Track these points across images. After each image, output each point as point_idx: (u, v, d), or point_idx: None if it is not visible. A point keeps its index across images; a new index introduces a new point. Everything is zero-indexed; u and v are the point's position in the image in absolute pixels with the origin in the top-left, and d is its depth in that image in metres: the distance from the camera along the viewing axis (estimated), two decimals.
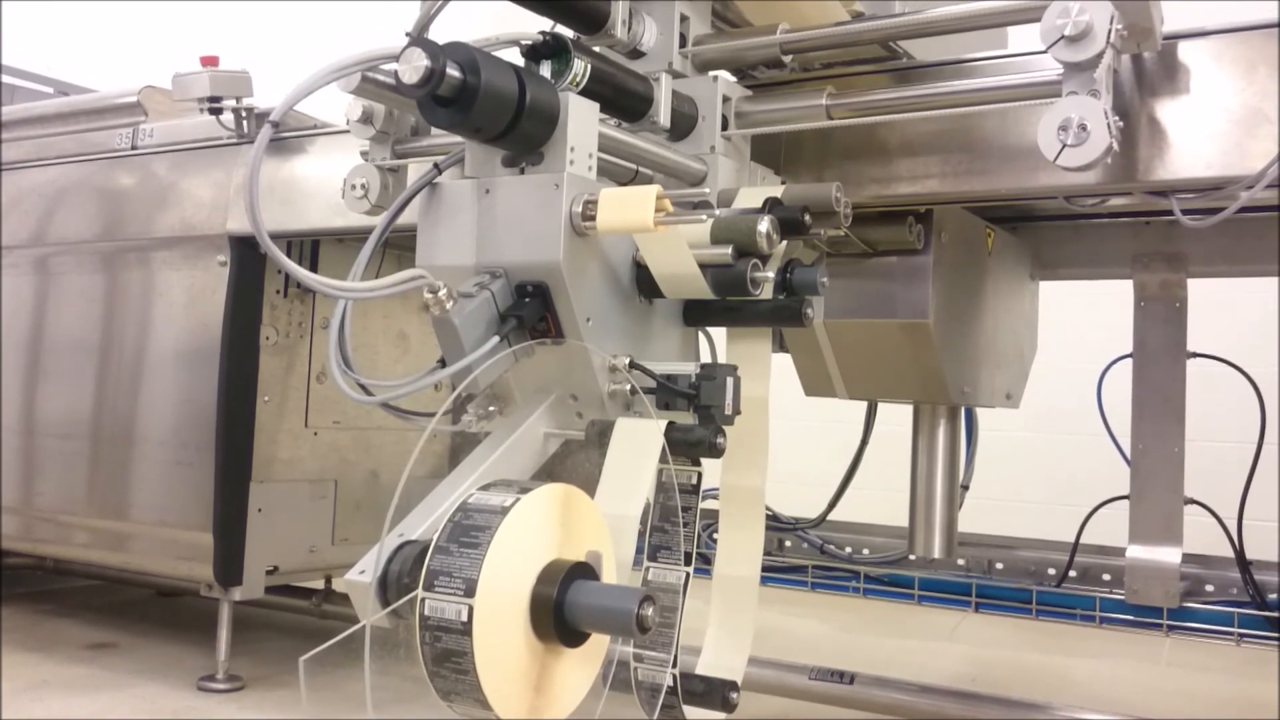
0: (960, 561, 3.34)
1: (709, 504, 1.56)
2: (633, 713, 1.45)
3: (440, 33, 1.31)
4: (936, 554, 2.40)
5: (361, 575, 1.19)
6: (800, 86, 1.79)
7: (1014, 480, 4.72)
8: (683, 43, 1.66)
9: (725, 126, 1.70)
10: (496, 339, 1.32)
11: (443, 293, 1.31)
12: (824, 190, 1.58)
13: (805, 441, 3.71)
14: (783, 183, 1.82)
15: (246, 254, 2.42)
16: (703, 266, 1.42)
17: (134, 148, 2.68)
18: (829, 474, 3.02)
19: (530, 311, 1.35)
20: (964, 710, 2.15)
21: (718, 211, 1.51)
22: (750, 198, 1.60)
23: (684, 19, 1.65)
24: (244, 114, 2.45)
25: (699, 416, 1.41)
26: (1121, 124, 1.45)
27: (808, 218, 1.51)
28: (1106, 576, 2.99)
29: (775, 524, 3.75)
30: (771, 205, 1.52)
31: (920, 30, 1.67)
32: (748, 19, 1.77)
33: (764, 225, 1.42)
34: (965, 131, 1.73)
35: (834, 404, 2.70)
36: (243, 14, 5.58)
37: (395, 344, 2.70)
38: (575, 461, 1.45)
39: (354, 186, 1.77)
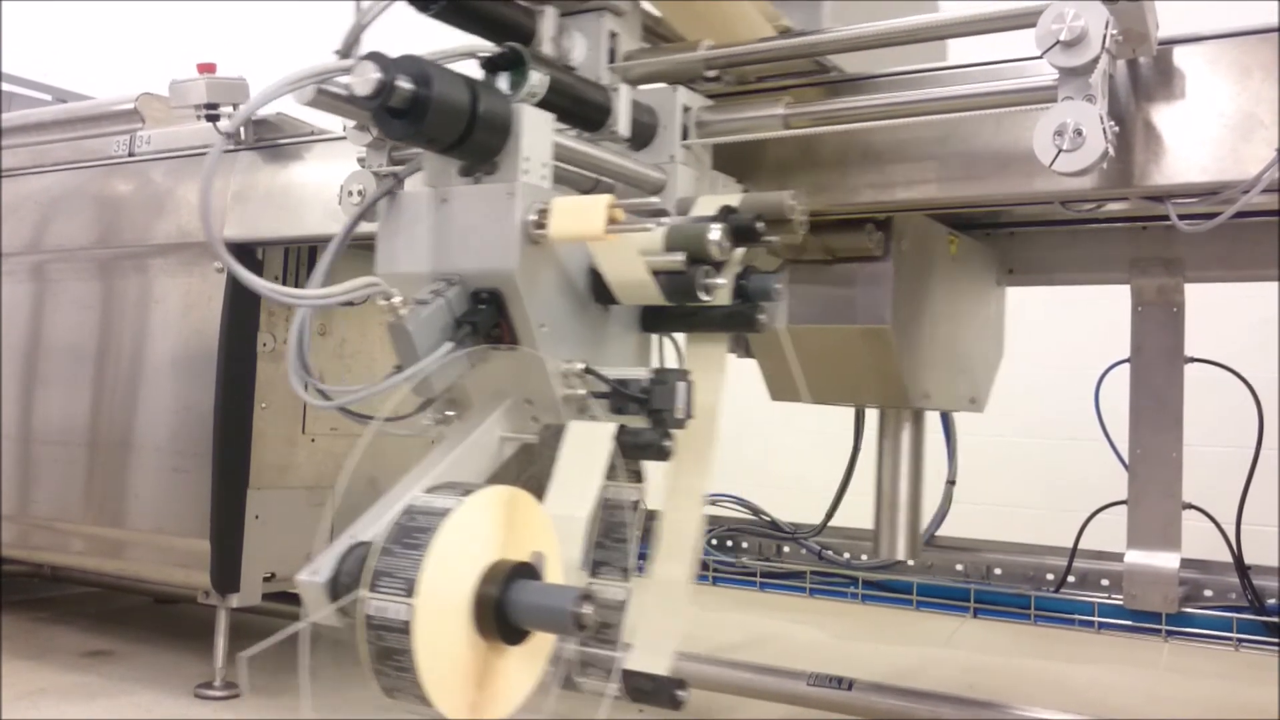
0: (958, 567, 3.34)
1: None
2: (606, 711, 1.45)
3: (402, 45, 1.34)
4: (900, 556, 2.44)
5: (314, 576, 1.23)
6: (756, 97, 1.82)
7: (1012, 485, 4.72)
8: (612, 58, 1.68)
9: (685, 136, 1.73)
10: (450, 345, 1.35)
11: (397, 299, 1.34)
12: (778, 198, 1.62)
13: (804, 447, 3.71)
14: (745, 190, 1.84)
15: (243, 260, 2.39)
16: (656, 273, 1.45)
17: (131, 154, 2.68)
18: (829, 480, 3.02)
19: (484, 318, 1.38)
20: (962, 716, 2.14)
21: (672, 219, 1.53)
22: (708, 205, 1.62)
23: (613, 35, 1.68)
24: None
25: (651, 420, 1.44)
26: (1117, 129, 1.45)
27: (760, 225, 1.53)
28: (1105, 582, 2.99)
29: (774, 531, 3.75)
30: (725, 213, 1.55)
31: (847, 45, 1.71)
32: (681, 34, 1.79)
33: (715, 233, 1.44)
34: (941, 140, 1.74)
35: (834, 410, 2.70)
36: (239, 21, 5.59)
37: (394, 350, 2.69)
38: (545, 465, 1.46)
39: (351, 193, 1.78)
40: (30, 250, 2.79)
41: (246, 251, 2.41)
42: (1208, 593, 2.88)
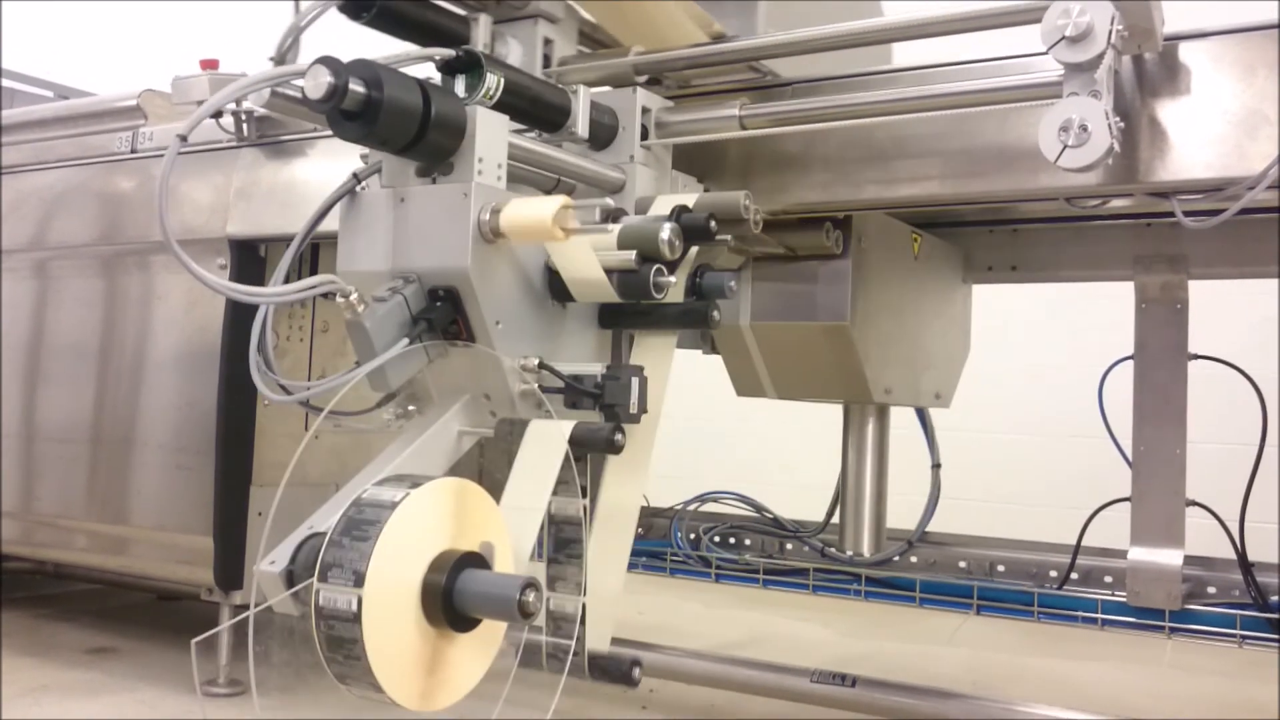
0: (961, 564, 3.34)
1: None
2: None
3: (367, 49, 1.40)
4: (865, 550, 2.49)
5: (271, 566, 1.30)
6: (714, 98, 1.86)
7: (1016, 482, 4.72)
8: (547, 63, 1.72)
9: (645, 136, 1.77)
10: (406, 341, 1.39)
11: (354, 296, 1.40)
12: (733, 198, 1.66)
13: (806, 445, 3.71)
14: (706, 189, 1.89)
15: (246, 257, 2.42)
16: (610, 271, 1.49)
17: (133, 151, 2.67)
18: (829, 477, 3.02)
19: (440, 315, 1.43)
20: (965, 713, 2.14)
21: (628, 219, 1.58)
22: (665, 205, 1.66)
23: (548, 41, 1.72)
24: (243, 117, 2.45)
25: (604, 415, 1.48)
26: (1122, 125, 1.44)
27: (713, 225, 1.57)
28: (1108, 579, 2.99)
29: (777, 529, 3.75)
30: (679, 213, 1.58)
31: (775, 51, 1.77)
32: (616, 40, 1.84)
33: (666, 232, 1.49)
34: (941, 136, 1.75)
35: (834, 408, 2.70)
36: (241, 17, 5.58)
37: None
38: (494, 457, 1.51)
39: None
40: (33, 247, 2.79)
41: (250, 248, 2.41)
42: (1211, 589, 2.87)
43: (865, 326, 2.17)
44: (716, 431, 4.83)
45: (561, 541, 1.50)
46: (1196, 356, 2.58)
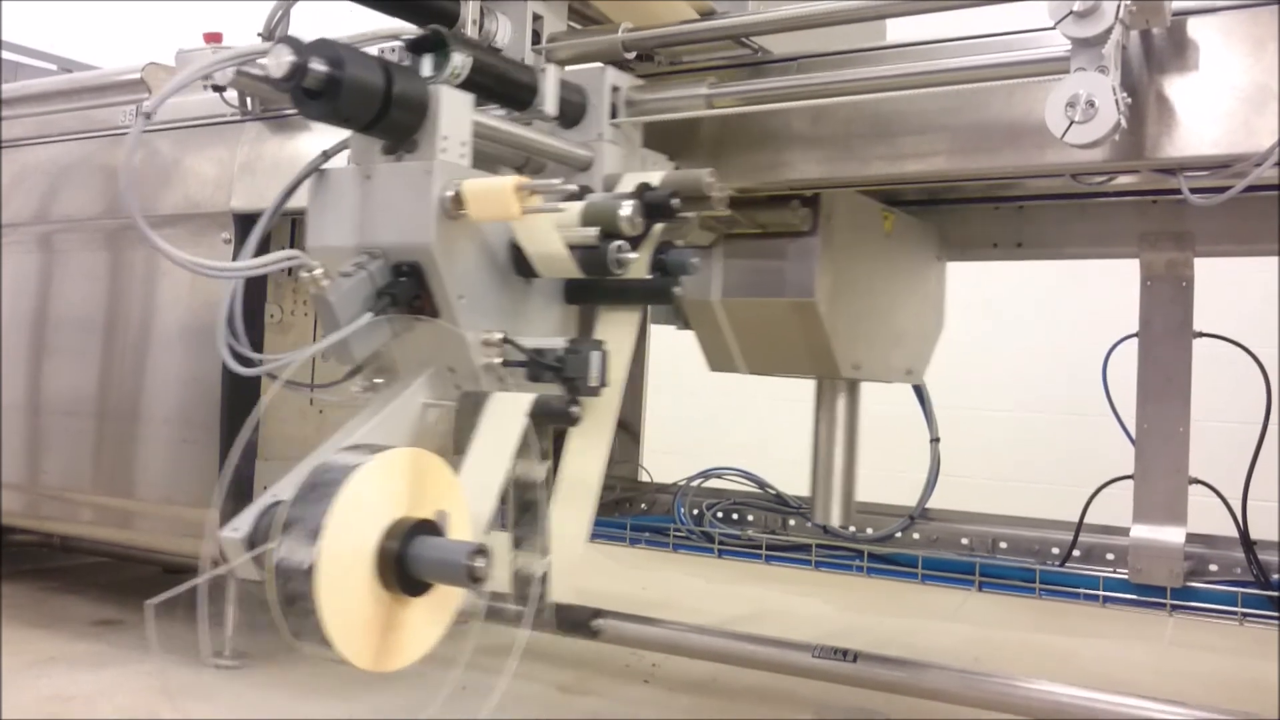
0: (964, 540, 3.34)
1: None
2: None
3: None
4: (835, 522, 2.57)
5: (234, 532, 1.34)
6: (683, 77, 1.89)
7: (1018, 459, 4.73)
8: (536, 40, 1.73)
9: (614, 115, 1.80)
10: (370, 315, 1.43)
11: (319, 272, 1.45)
12: (696, 176, 1.68)
13: (810, 421, 3.71)
14: (676, 167, 1.90)
15: (250, 230, 2.41)
16: (573, 248, 1.53)
17: None
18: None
19: (404, 290, 1.46)
20: (966, 688, 2.15)
21: (593, 196, 1.61)
22: (631, 183, 1.69)
23: (537, 18, 1.74)
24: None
25: (565, 388, 1.53)
26: (1129, 101, 1.44)
27: (676, 202, 1.60)
28: (1110, 556, 2.99)
29: (779, 505, 3.76)
30: (642, 190, 1.61)
31: (769, 27, 1.77)
32: (608, 16, 1.85)
33: (627, 209, 1.52)
34: (950, 111, 1.74)
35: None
36: None
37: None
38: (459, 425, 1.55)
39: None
40: (38, 221, 2.79)
41: (254, 222, 2.40)
42: (1213, 567, 2.87)
43: (834, 303, 2.20)
44: (720, 408, 4.84)
45: (524, 504, 1.55)
46: (1201, 334, 2.57)
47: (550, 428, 1.54)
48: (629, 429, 3.33)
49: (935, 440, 2.98)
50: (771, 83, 1.80)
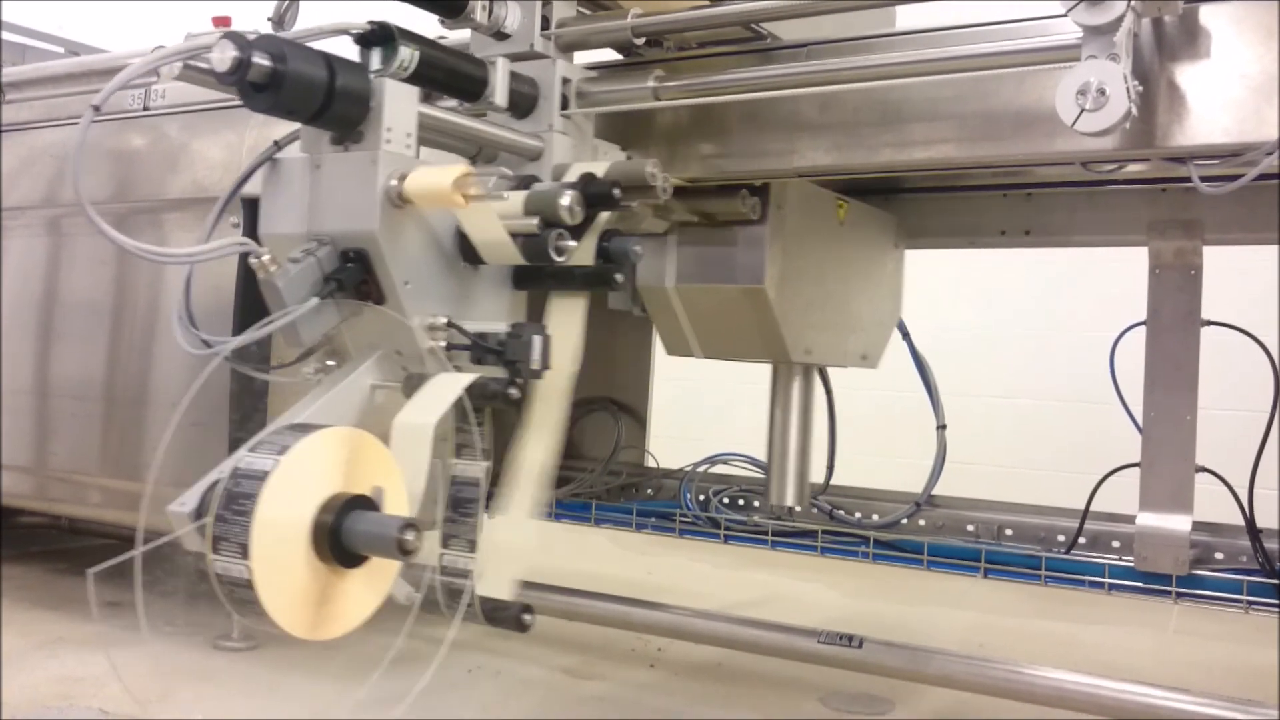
0: (969, 527, 3.35)
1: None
2: None
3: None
4: (789, 503, 2.62)
5: (181, 507, 1.44)
6: (631, 70, 1.93)
7: (1025, 447, 4.72)
8: (546, 25, 1.79)
9: (566, 106, 1.84)
10: (316, 299, 1.49)
11: (266, 258, 1.51)
12: (639, 166, 1.71)
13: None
14: (629, 157, 1.95)
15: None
16: (515, 235, 1.58)
17: (146, 109, 2.67)
18: (840, 440, 3.03)
19: (350, 276, 1.52)
20: (971, 675, 2.16)
21: (537, 186, 1.66)
22: (577, 173, 1.73)
23: (546, 3, 1.79)
24: None
25: (508, 371, 1.59)
26: (1141, 89, 1.43)
27: (617, 192, 1.65)
28: (1116, 544, 2.99)
29: None
30: (584, 180, 1.66)
31: (777, 13, 1.79)
32: (618, 1, 1.89)
33: (566, 199, 1.57)
34: (960, 99, 1.73)
35: (843, 372, 2.70)
36: None
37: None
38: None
39: None
40: (46, 205, 2.79)
41: None
42: (1219, 555, 2.87)
43: (783, 289, 2.25)
44: (726, 394, 4.83)
45: (458, 501, 1.60)
46: (1209, 323, 2.56)
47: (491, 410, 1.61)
48: (635, 415, 3.34)
49: (942, 427, 2.98)
50: (719, 77, 1.84)
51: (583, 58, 1.97)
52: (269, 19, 1.61)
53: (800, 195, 2.29)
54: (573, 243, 1.60)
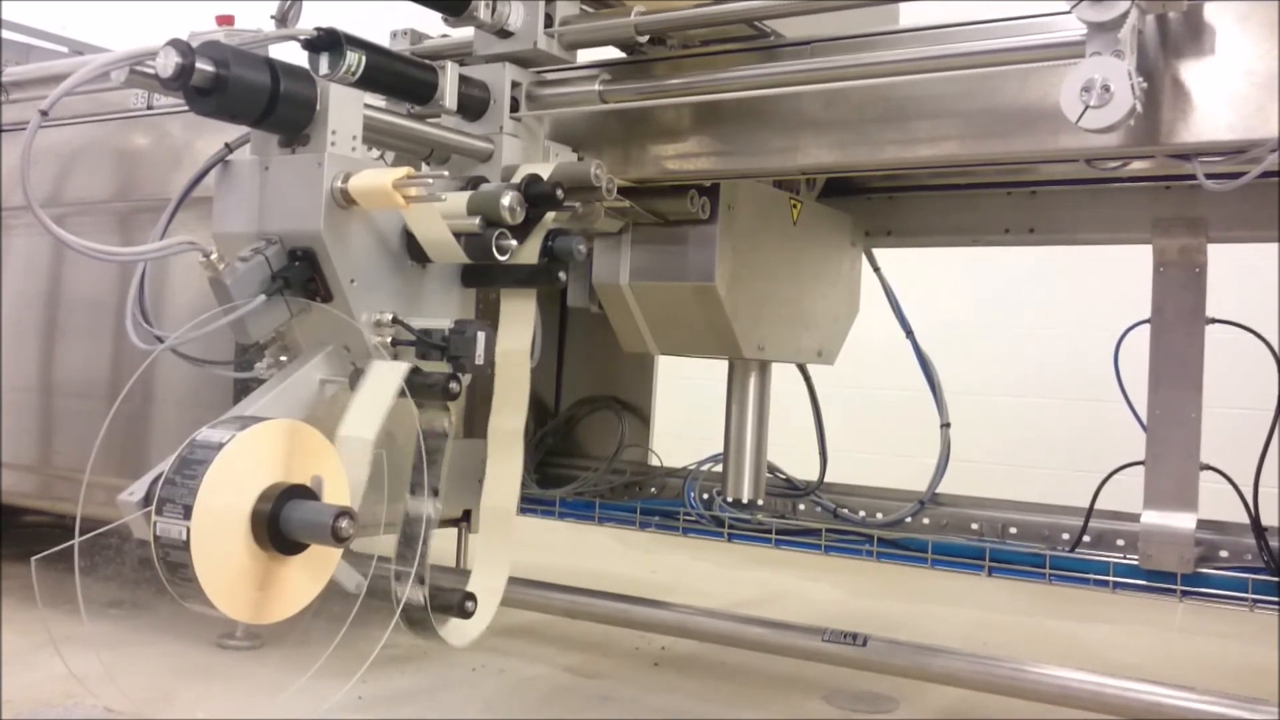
0: (974, 525, 3.35)
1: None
2: None
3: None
4: (745, 496, 2.68)
5: (130, 496, 1.49)
6: (577, 74, 1.96)
7: (1029, 445, 4.72)
8: (549, 23, 1.82)
9: (515, 109, 1.89)
10: (263, 296, 1.55)
11: (214, 256, 1.56)
12: (584, 167, 1.76)
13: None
14: (581, 159, 1.99)
15: None
16: (459, 235, 1.63)
17: (149, 108, 2.67)
18: (844, 438, 3.03)
19: (297, 274, 1.58)
20: (975, 673, 2.15)
21: (485, 187, 1.72)
22: (525, 174, 1.77)
23: (550, 1, 1.82)
24: None
25: (452, 366, 1.64)
26: (1145, 85, 1.43)
27: (560, 192, 1.70)
28: (1120, 542, 2.98)
29: (788, 489, 3.76)
30: (528, 181, 1.71)
31: (780, 11, 1.81)
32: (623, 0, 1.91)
33: (508, 199, 1.62)
34: (967, 95, 1.73)
35: (848, 371, 2.70)
36: None
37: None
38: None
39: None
40: (50, 203, 2.79)
41: None
42: (1223, 553, 2.87)
43: (735, 287, 2.30)
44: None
45: (407, 538, 1.67)
46: (1214, 320, 2.56)
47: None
48: (639, 413, 3.34)
49: (946, 425, 2.98)
50: (663, 81, 1.87)
51: (586, 55, 1.97)
52: (272, 17, 1.65)
53: (751, 195, 2.34)
54: (513, 242, 1.66)
